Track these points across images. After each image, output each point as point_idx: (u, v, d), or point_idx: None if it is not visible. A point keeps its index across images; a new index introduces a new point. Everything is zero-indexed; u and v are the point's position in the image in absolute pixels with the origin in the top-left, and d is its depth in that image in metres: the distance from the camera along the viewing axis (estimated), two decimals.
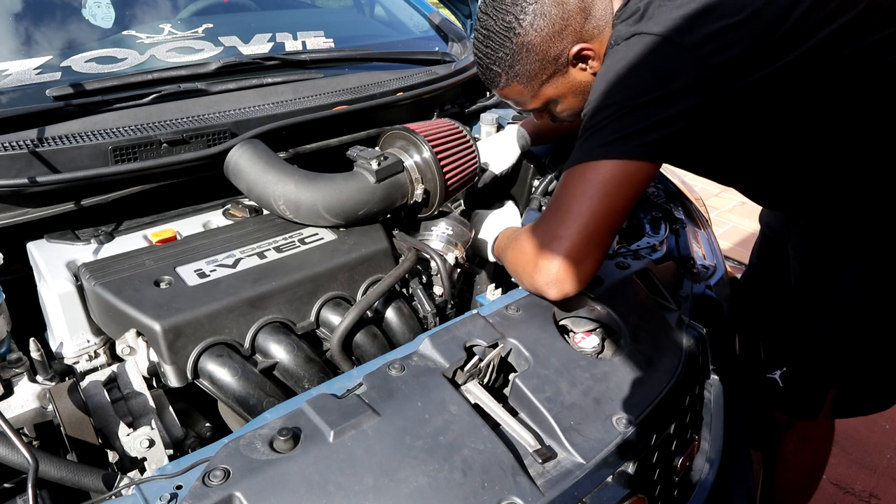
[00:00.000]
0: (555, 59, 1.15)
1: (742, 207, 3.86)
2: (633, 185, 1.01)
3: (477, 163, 1.41)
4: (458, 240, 1.35)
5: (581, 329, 1.10)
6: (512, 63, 1.16)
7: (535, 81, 1.18)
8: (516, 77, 1.18)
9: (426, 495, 0.75)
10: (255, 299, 1.05)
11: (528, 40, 1.13)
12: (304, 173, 1.23)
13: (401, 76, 1.67)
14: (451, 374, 0.92)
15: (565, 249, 0.99)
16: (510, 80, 1.19)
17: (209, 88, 1.42)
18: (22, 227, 1.17)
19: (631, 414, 0.92)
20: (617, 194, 1.00)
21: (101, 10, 1.56)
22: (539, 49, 1.13)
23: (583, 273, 1.01)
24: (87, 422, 0.90)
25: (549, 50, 1.14)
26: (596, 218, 0.99)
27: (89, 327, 1.10)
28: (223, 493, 0.72)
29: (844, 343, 1.31)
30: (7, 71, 1.36)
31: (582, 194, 1.00)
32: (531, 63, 1.15)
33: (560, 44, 1.13)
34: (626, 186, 1.00)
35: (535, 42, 1.13)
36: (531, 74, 1.17)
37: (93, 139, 1.21)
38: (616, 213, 1.01)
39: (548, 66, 1.16)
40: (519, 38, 1.13)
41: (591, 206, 0.99)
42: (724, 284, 1.38)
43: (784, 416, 1.47)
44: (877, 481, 2.12)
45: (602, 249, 1.02)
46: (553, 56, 1.14)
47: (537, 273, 1.03)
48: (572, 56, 1.14)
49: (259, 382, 0.99)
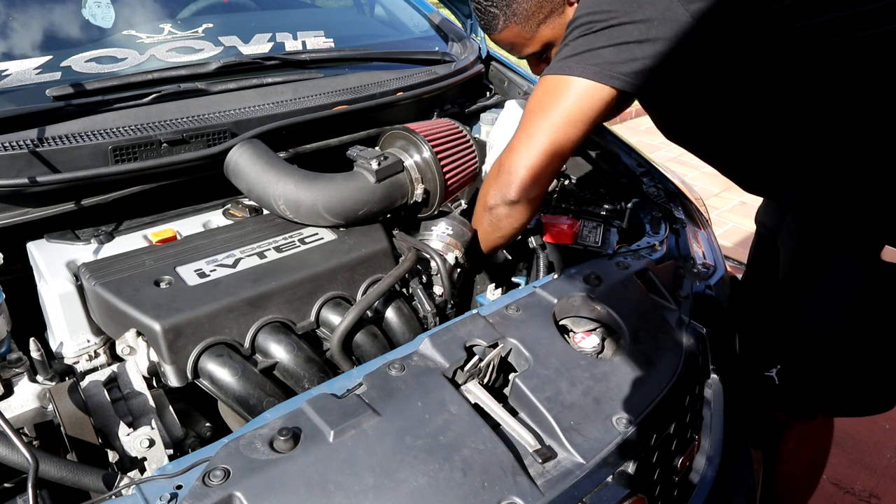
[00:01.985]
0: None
1: (742, 207, 3.86)
2: (591, 105, 1.07)
3: (477, 163, 1.41)
4: (458, 240, 1.35)
5: (581, 329, 1.10)
6: (509, 2, 1.19)
7: (532, 21, 1.21)
8: (514, 17, 1.21)
9: (426, 495, 0.75)
10: (255, 299, 1.05)
11: None
12: (304, 173, 1.23)
13: (401, 76, 1.67)
14: (451, 374, 0.92)
15: (524, 157, 1.09)
16: (508, 20, 1.22)
17: (209, 88, 1.42)
18: (22, 227, 1.17)
19: (631, 414, 0.92)
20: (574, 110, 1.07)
21: (101, 10, 1.56)
22: None
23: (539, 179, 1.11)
24: (87, 422, 0.89)
25: None
26: (553, 130, 1.08)
27: (89, 327, 1.10)
28: (223, 493, 0.72)
29: (830, 340, 1.31)
30: (7, 71, 1.36)
31: (543, 107, 1.09)
32: (528, 1, 1.19)
33: None
34: (585, 105, 1.06)
35: None
36: (528, 13, 1.20)
37: (93, 139, 1.21)
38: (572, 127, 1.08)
39: (545, 4, 1.19)
40: None
41: (549, 119, 1.08)
42: (724, 284, 1.38)
43: (784, 416, 1.47)
44: (877, 481, 2.12)
45: (558, 160, 1.11)
46: None
47: (499, 178, 1.13)
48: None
49: (259, 382, 0.99)
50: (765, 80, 1.10)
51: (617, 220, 1.46)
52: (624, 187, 1.63)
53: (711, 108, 1.20)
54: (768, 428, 1.53)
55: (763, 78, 1.10)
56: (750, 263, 1.76)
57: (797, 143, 1.18)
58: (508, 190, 1.12)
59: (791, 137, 1.18)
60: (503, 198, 1.14)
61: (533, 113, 1.10)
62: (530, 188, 1.11)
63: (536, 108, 1.10)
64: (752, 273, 1.73)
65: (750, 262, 1.75)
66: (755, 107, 1.15)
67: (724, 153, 1.32)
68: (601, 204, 1.51)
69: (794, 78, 1.09)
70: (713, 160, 1.35)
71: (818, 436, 1.53)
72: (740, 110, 1.17)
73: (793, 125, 1.15)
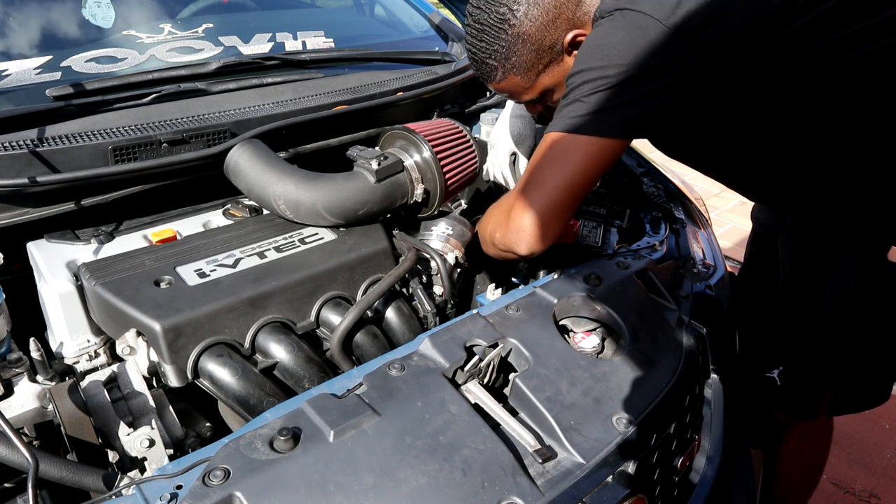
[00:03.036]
0: (550, 47, 1.16)
1: (742, 207, 3.86)
2: (601, 160, 1.06)
3: (477, 163, 1.41)
4: (459, 239, 1.35)
5: (581, 329, 1.10)
6: (508, 55, 1.17)
7: (531, 72, 1.19)
8: (513, 69, 1.18)
9: (426, 495, 0.75)
10: (255, 299, 1.05)
11: (524, 31, 1.13)
12: (304, 173, 1.23)
13: (401, 76, 1.67)
14: (451, 374, 0.92)
15: (534, 215, 1.08)
16: (507, 72, 1.19)
17: (209, 88, 1.42)
18: (22, 227, 1.17)
19: (631, 414, 0.92)
20: (585, 168, 1.06)
21: (101, 10, 1.56)
22: (534, 39, 1.14)
23: (548, 235, 1.10)
24: (87, 422, 0.89)
25: (544, 39, 1.15)
26: (563, 189, 1.07)
27: (89, 327, 1.10)
28: (223, 493, 0.72)
29: (835, 341, 1.31)
30: (7, 71, 1.36)
31: (553, 165, 1.07)
32: (527, 53, 1.16)
33: (555, 32, 1.14)
34: (595, 161, 1.06)
35: (531, 32, 1.14)
36: (528, 65, 1.18)
37: (93, 139, 1.21)
38: (582, 185, 1.08)
39: (544, 55, 1.16)
40: (514, 30, 1.14)
41: (560, 178, 1.07)
42: (724, 284, 1.38)
43: (784, 416, 1.47)
44: (877, 481, 2.12)
45: (566, 215, 1.11)
46: (549, 45, 1.16)
47: (509, 232, 1.12)
48: (567, 43, 1.15)
49: (259, 382, 0.99)
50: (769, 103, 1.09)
51: (617, 220, 1.46)
52: (624, 187, 1.63)
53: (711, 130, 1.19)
54: (768, 428, 1.53)
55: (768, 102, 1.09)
56: (747, 262, 1.76)
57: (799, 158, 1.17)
58: (518, 247, 1.11)
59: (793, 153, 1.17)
60: (511, 250, 1.13)
61: (547, 170, 1.08)
62: (539, 243, 1.10)
63: (551, 166, 1.07)
64: (750, 272, 1.73)
65: (747, 261, 1.75)
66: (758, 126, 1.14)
67: (725, 168, 1.32)
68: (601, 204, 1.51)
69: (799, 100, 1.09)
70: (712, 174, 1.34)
71: (819, 436, 1.53)
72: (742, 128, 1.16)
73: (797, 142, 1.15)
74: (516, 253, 1.12)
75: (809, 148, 1.15)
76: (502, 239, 1.14)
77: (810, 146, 1.15)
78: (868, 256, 1.21)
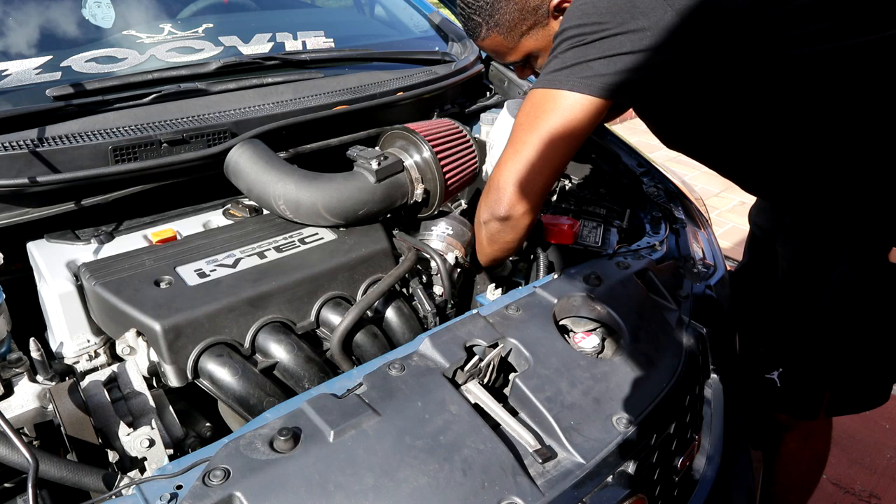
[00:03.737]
0: (535, 9, 1.17)
1: (742, 207, 3.86)
2: (577, 117, 1.05)
3: (477, 163, 1.41)
4: (458, 239, 1.35)
5: (581, 329, 1.10)
6: (492, 12, 1.18)
7: (514, 32, 1.20)
8: (496, 27, 1.20)
9: (426, 495, 0.75)
10: (255, 299, 1.05)
11: None
12: (304, 173, 1.23)
13: (401, 76, 1.67)
14: (451, 374, 0.92)
15: (511, 172, 1.08)
16: (490, 30, 1.21)
17: (209, 88, 1.42)
18: (22, 227, 1.17)
19: (631, 414, 0.92)
20: (562, 123, 1.05)
21: (101, 10, 1.56)
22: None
23: (529, 194, 1.09)
24: (87, 422, 0.89)
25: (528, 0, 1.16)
26: (540, 145, 1.05)
27: (89, 327, 1.10)
28: (223, 493, 0.72)
29: (836, 342, 1.31)
30: (7, 71, 1.36)
31: (528, 121, 1.07)
32: (510, 13, 1.17)
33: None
34: (571, 117, 1.04)
35: None
36: (511, 25, 1.19)
37: (93, 139, 1.21)
38: (560, 142, 1.06)
39: (527, 16, 1.18)
40: None
41: (536, 134, 1.06)
42: (724, 284, 1.38)
43: (784, 417, 1.47)
44: (877, 481, 2.12)
45: (547, 172, 1.08)
46: (533, 6, 1.17)
47: (488, 196, 1.11)
48: (552, 7, 1.17)
49: (259, 382, 0.99)
50: (763, 87, 1.09)
51: (617, 220, 1.46)
52: (624, 187, 1.63)
53: (708, 115, 1.19)
54: (768, 428, 1.53)
55: (761, 85, 1.09)
56: (744, 265, 1.76)
57: (796, 149, 1.17)
58: (498, 207, 1.10)
59: (790, 144, 1.17)
60: (493, 214, 1.12)
61: (522, 127, 1.08)
62: (519, 203, 1.09)
63: (525, 123, 1.08)
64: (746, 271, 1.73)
65: (744, 264, 1.75)
66: (754, 113, 1.14)
67: (723, 158, 1.32)
68: (601, 204, 1.51)
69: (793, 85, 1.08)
70: (711, 164, 1.34)
71: (818, 436, 1.53)
72: (738, 117, 1.16)
73: (792, 132, 1.15)
74: (497, 214, 1.11)
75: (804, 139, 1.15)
76: (486, 207, 1.13)
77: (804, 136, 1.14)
78: (868, 257, 1.21)
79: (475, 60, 1.88)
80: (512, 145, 1.09)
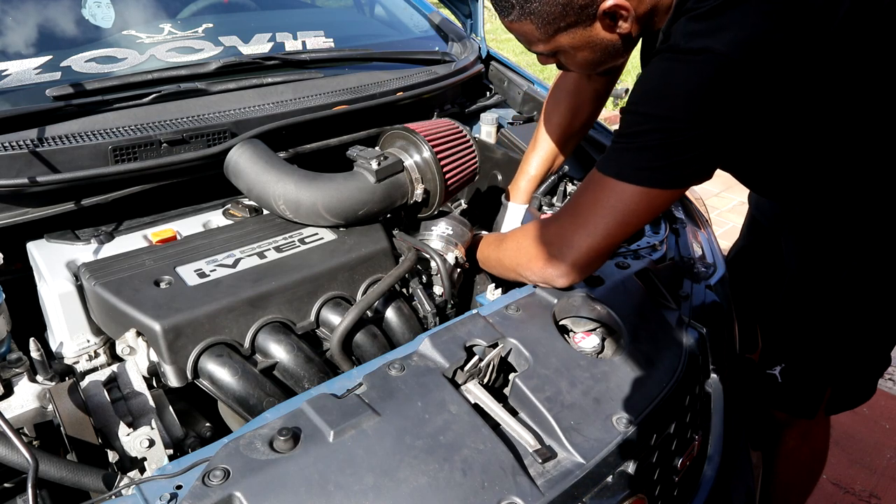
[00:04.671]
0: (581, 7, 0.99)
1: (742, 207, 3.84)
2: (656, 209, 1.03)
3: (477, 162, 1.41)
4: (458, 239, 1.35)
5: (581, 329, 1.10)
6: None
7: (551, 26, 1.02)
8: (531, 15, 1.02)
9: (426, 495, 0.75)
10: (255, 299, 1.05)
11: None
12: (304, 173, 1.23)
13: (401, 76, 1.67)
14: (451, 374, 0.92)
15: (579, 255, 1.06)
16: (524, 15, 1.02)
17: (209, 88, 1.42)
18: (22, 227, 1.17)
19: (631, 414, 0.92)
20: (636, 217, 1.02)
21: (101, 10, 1.56)
22: None
23: (589, 272, 1.11)
24: (87, 422, 0.89)
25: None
26: (614, 236, 1.04)
27: (89, 327, 1.10)
28: (223, 493, 0.72)
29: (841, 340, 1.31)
30: (7, 71, 1.36)
31: (603, 209, 1.02)
32: (552, 4, 0.99)
33: None
34: (651, 210, 1.02)
35: None
36: (549, 17, 1.01)
37: (93, 139, 1.20)
38: (632, 230, 1.05)
39: (570, 13, 1.00)
40: None
41: (609, 223, 1.02)
42: (724, 284, 1.38)
43: (783, 415, 1.47)
44: (877, 481, 2.12)
45: (609, 256, 1.11)
46: (580, 4, 0.99)
47: (548, 266, 1.09)
48: (602, 11, 0.99)
49: (259, 382, 0.99)
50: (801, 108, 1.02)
51: None
52: None
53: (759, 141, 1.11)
54: (768, 428, 1.53)
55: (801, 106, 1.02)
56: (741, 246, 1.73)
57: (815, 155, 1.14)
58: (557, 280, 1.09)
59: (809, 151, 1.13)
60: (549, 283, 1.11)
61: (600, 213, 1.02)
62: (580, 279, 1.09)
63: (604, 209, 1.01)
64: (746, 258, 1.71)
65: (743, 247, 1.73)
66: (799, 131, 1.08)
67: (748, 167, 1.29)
68: None
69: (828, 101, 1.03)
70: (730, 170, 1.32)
71: (817, 435, 1.53)
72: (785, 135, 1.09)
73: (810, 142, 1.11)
74: (552, 285, 1.11)
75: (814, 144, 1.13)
76: (540, 272, 1.10)
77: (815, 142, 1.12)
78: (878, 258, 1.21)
79: (475, 60, 1.88)
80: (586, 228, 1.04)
